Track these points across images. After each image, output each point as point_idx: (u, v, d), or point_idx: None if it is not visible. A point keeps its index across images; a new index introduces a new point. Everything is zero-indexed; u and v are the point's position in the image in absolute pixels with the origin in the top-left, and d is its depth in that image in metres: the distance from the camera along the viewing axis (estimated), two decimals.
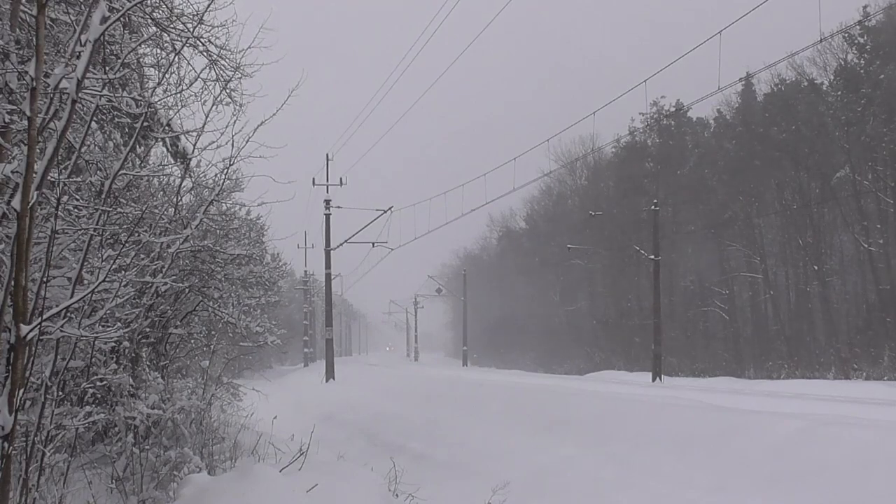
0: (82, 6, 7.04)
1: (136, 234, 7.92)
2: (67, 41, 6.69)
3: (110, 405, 8.53)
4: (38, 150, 4.70)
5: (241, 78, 9.00)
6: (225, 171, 9.64)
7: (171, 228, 9.13)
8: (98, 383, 8.12)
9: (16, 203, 4.51)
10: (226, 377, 13.95)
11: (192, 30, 7.90)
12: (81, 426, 7.31)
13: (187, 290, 10.53)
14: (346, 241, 37.45)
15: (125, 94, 7.65)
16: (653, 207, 35.46)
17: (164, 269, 8.87)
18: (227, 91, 8.98)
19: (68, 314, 6.36)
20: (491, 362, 74.83)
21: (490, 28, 26.64)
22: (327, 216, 37.38)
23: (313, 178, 37.06)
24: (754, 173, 43.75)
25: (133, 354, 9.24)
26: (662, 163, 52.54)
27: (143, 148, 9.44)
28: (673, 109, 51.43)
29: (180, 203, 9.80)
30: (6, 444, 4.55)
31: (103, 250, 7.41)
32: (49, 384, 6.33)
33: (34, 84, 4.45)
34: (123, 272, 7.07)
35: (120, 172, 6.65)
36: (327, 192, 37.14)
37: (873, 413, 12.80)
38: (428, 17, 60.83)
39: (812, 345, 40.45)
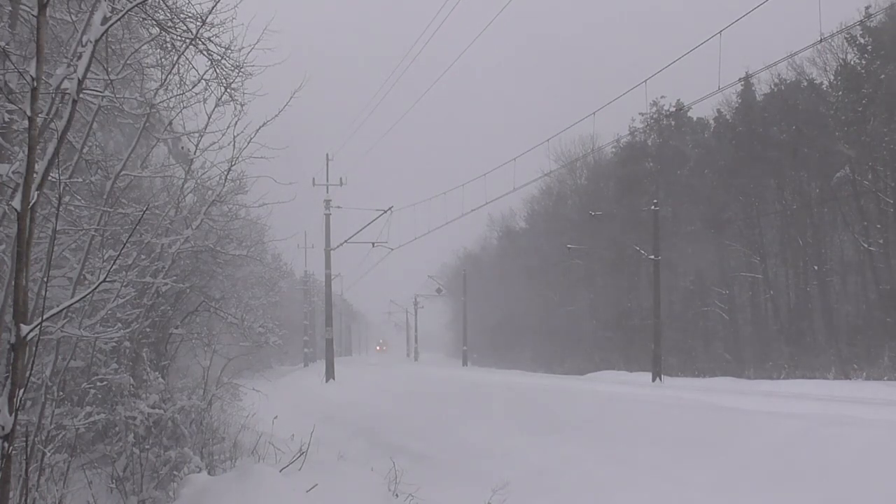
0: (83, 5, 7.03)
1: (138, 235, 7.92)
2: (69, 41, 6.69)
3: (111, 405, 8.53)
4: (39, 151, 4.70)
5: (244, 79, 8.98)
6: (227, 172, 9.64)
7: (172, 229, 9.13)
8: (98, 383, 8.13)
9: (16, 203, 4.50)
10: (226, 377, 13.95)
11: (195, 32, 7.88)
12: (81, 426, 7.32)
13: (188, 290, 10.54)
14: (346, 241, 37.41)
15: (127, 94, 7.64)
16: (653, 207, 35.44)
17: (165, 270, 8.87)
18: (230, 91, 8.97)
19: (69, 314, 6.37)
20: (491, 362, 74.73)
21: (490, 28, 26.65)
22: (327, 216, 37.35)
23: (313, 178, 36.99)
24: (754, 173, 43.68)
25: (134, 354, 9.25)
26: (662, 163, 52.44)
27: (144, 149, 9.43)
28: (673, 109, 51.31)
29: (182, 203, 9.79)
30: (6, 444, 4.55)
31: (104, 250, 7.42)
32: (49, 384, 6.35)
33: (35, 84, 4.44)
34: (124, 272, 7.07)
35: (122, 173, 6.65)
36: (327, 192, 37.13)
37: (873, 413, 12.79)
38: (428, 17, 60.86)
39: (812, 345, 40.38)
